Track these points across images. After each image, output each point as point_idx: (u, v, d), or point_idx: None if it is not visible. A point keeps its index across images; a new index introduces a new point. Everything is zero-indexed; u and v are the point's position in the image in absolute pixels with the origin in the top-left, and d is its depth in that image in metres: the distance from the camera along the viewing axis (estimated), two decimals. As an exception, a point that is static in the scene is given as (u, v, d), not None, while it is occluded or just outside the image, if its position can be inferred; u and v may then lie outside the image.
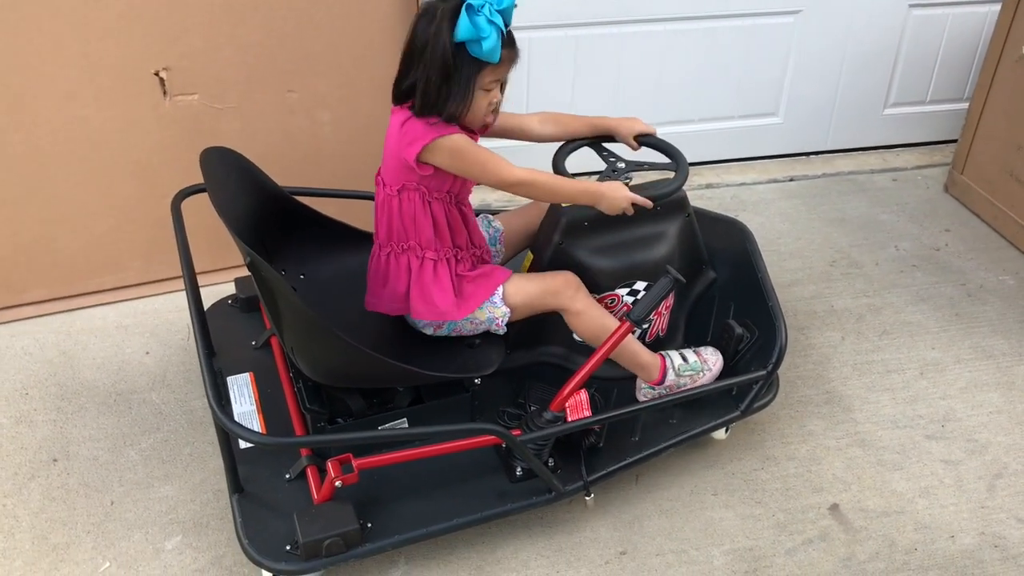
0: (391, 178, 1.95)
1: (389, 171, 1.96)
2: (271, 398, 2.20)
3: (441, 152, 1.87)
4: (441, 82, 1.82)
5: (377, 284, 2.07)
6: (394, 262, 2.00)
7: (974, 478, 2.25)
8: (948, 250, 3.10)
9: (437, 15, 1.79)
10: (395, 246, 1.99)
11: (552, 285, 2.05)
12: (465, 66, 1.81)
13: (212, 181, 1.93)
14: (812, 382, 2.53)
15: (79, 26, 2.34)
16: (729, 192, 3.38)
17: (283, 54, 2.57)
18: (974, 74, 3.50)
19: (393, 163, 1.94)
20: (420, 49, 1.82)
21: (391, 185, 1.95)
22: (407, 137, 1.88)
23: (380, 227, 2.02)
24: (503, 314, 2.04)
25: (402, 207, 1.95)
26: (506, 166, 1.92)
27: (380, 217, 2.01)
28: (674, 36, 3.18)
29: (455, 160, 1.89)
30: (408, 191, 1.94)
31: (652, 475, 2.21)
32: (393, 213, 1.97)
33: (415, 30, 1.84)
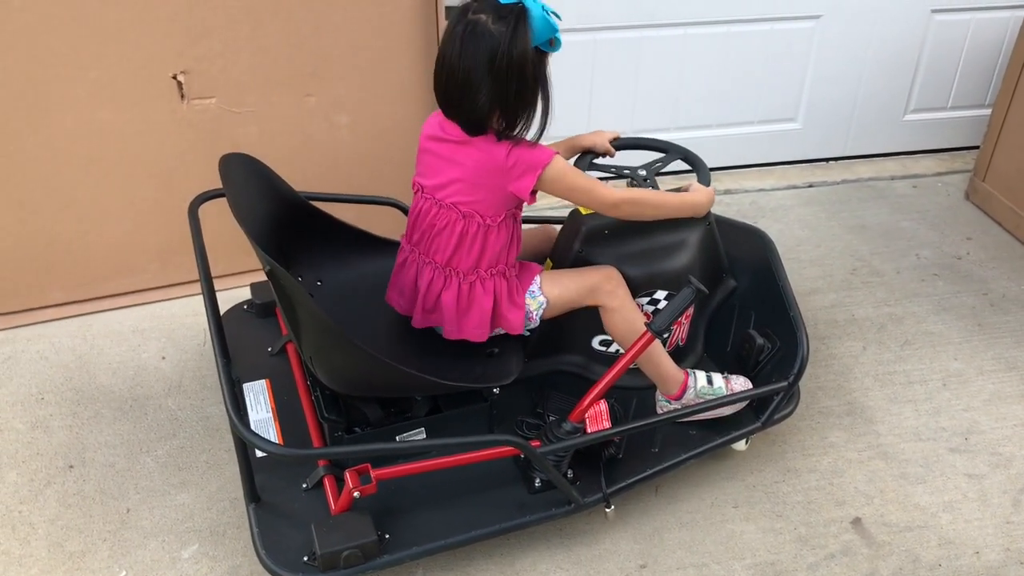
0: (491, 210, 1.89)
1: (487, 203, 1.88)
2: (288, 405, 2.18)
3: (551, 182, 1.86)
4: (532, 93, 1.80)
5: (458, 313, 1.98)
6: (480, 288, 1.96)
7: (999, 492, 2.22)
8: (970, 259, 3.06)
9: (492, 27, 1.72)
10: (483, 272, 1.95)
11: (592, 279, 2.03)
12: (538, 65, 1.80)
13: (231, 187, 1.91)
14: (833, 393, 2.50)
15: (96, 28, 2.33)
16: (748, 198, 3.35)
17: (301, 58, 2.56)
18: (996, 80, 3.47)
19: (493, 196, 1.87)
20: (490, 67, 1.74)
21: (492, 216, 1.89)
22: (517, 171, 1.83)
23: (462, 256, 1.93)
24: (539, 305, 2.02)
25: (499, 235, 1.92)
26: (606, 188, 1.93)
27: (462, 246, 1.92)
28: (693, 40, 3.15)
29: (561, 187, 1.88)
30: (506, 220, 1.92)
31: (672, 486, 2.19)
32: (491, 242, 1.92)
33: (466, 52, 1.74)
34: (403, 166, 2.82)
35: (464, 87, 1.78)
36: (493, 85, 1.76)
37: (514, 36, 1.73)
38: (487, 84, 1.75)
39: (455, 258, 1.95)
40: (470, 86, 1.77)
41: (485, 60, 1.74)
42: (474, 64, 1.75)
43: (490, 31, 1.74)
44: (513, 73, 1.75)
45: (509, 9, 1.74)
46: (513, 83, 1.76)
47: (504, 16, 1.74)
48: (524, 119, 1.83)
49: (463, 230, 1.91)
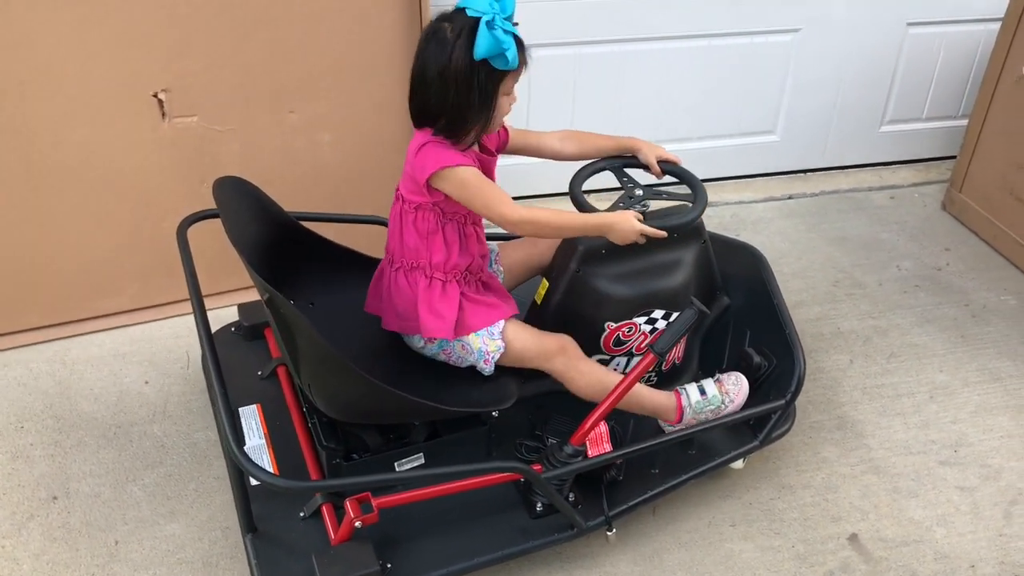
0: (409, 195, 1.93)
1: (407, 189, 1.94)
2: (280, 430, 2.14)
3: (449, 182, 1.86)
4: (465, 100, 1.81)
5: (381, 296, 2.05)
6: (404, 278, 1.98)
7: (990, 505, 2.25)
8: (949, 270, 3.10)
9: (448, 36, 1.77)
10: (405, 263, 1.97)
11: (548, 347, 2.02)
12: (488, 79, 1.80)
13: (225, 211, 1.87)
14: (823, 407, 2.51)
15: (75, 46, 2.27)
16: (729, 211, 3.37)
17: (284, 75, 2.51)
18: (969, 92, 3.52)
19: (410, 182, 1.92)
20: (437, 73, 1.80)
21: (408, 201, 1.93)
22: (420, 161, 1.87)
23: (393, 240, 1.99)
24: (496, 348, 1.99)
25: (417, 223, 1.93)
26: (509, 204, 1.89)
27: (394, 230, 1.99)
28: (673, 54, 3.15)
29: (461, 191, 1.87)
30: (424, 209, 1.92)
31: (669, 507, 2.18)
32: (407, 228, 1.95)
33: (425, 54, 1.82)
34: (385, 182, 2.75)
35: (418, 85, 1.85)
36: (439, 91, 1.80)
37: (456, 48, 1.77)
38: (435, 88, 1.81)
39: (393, 244, 2.00)
40: (423, 85, 1.83)
41: (435, 66, 1.79)
42: (426, 67, 1.81)
43: (446, 39, 1.78)
44: (457, 83, 1.79)
45: (464, 22, 1.77)
46: (454, 93, 1.79)
47: (457, 29, 1.78)
48: (463, 129, 1.85)
49: (395, 211, 1.98)
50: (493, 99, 1.83)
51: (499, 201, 1.88)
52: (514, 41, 1.78)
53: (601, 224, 1.96)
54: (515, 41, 1.79)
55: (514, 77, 1.86)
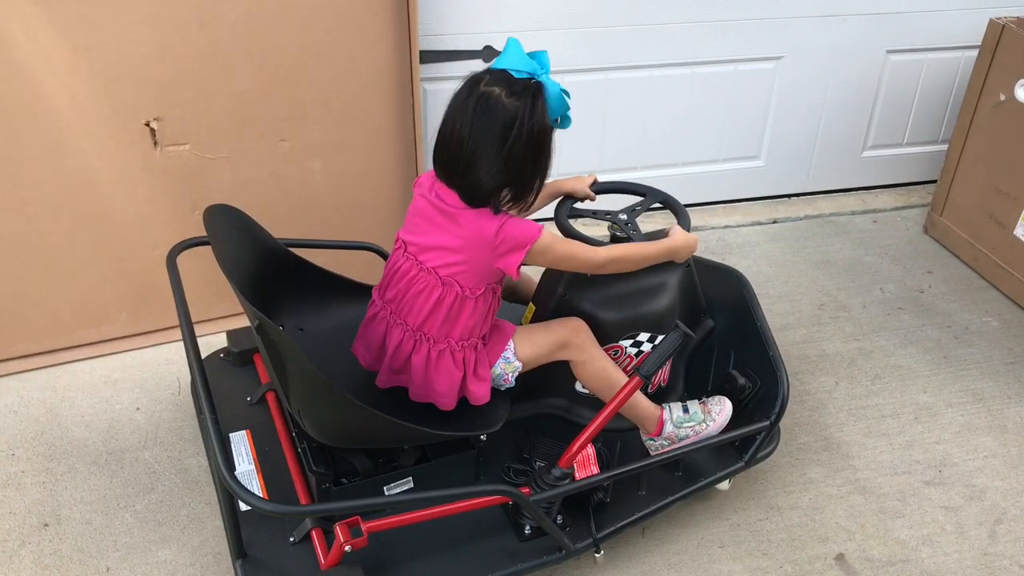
0: (473, 282, 1.87)
1: (470, 275, 1.86)
2: (269, 456, 2.15)
3: (538, 256, 1.86)
4: (541, 166, 1.81)
5: (426, 379, 1.95)
6: (449, 359, 1.92)
7: (975, 524, 2.27)
8: (932, 292, 3.14)
9: (504, 102, 1.71)
10: (454, 343, 1.92)
11: (561, 336, 2.04)
12: (551, 140, 1.82)
13: (215, 238, 1.89)
14: (809, 428, 2.54)
15: (67, 74, 2.30)
16: (715, 235, 3.41)
17: (275, 104, 2.55)
18: (949, 117, 3.58)
19: (477, 268, 1.85)
20: (499, 142, 1.73)
21: (471, 288, 1.87)
22: (504, 247, 1.81)
23: (434, 323, 1.90)
24: (514, 369, 2.02)
25: (476, 307, 1.90)
26: (590, 250, 1.95)
27: (437, 314, 1.89)
28: (658, 82, 3.21)
29: (547, 257, 1.89)
30: (487, 292, 1.90)
31: (658, 528, 2.20)
32: (467, 313, 1.89)
33: (476, 123, 1.73)
34: (375, 210, 2.82)
35: (472, 159, 1.75)
36: (506, 160, 1.74)
37: (532, 112, 1.73)
38: (498, 159, 1.74)
39: (428, 323, 1.91)
40: (479, 159, 1.74)
41: (498, 134, 1.73)
42: (486, 138, 1.73)
43: (504, 105, 1.72)
44: (530, 149, 1.75)
45: (524, 85, 1.74)
46: (528, 159, 1.76)
47: (518, 92, 1.73)
48: (533, 194, 1.85)
49: (440, 297, 1.88)
50: (551, 159, 1.84)
51: (582, 250, 1.94)
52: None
53: (671, 248, 2.07)
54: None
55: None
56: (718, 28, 3.15)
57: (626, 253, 2.02)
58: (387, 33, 2.59)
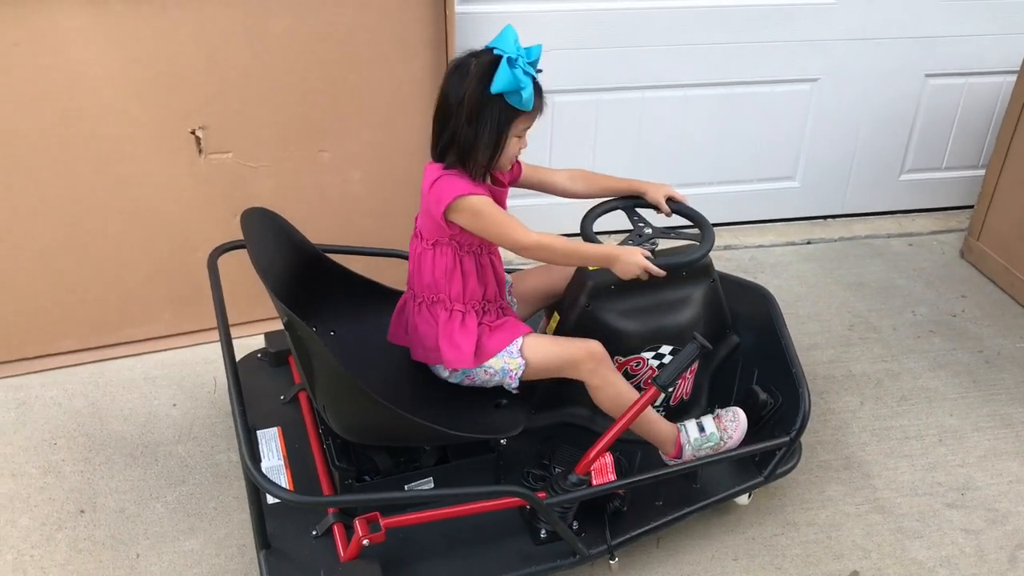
0: (427, 232, 2.02)
1: (424, 226, 2.03)
2: (299, 453, 2.22)
3: (463, 212, 1.93)
4: (476, 132, 1.89)
5: (406, 329, 2.14)
6: (425, 312, 2.06)
7: (995, 548, 2.26)
8: (965, 316, 3.13)
9: (471, 70, 1.87)
10: (426, 297, 2.06)
11: (575, 354, 2.06)
12: (500, 115, 1.89)
13: (252, 240, 1.98)
14: (831, 447, 2.54)
15: (119, 84, 2.42)
16: (747, 254, 3.43)
17: (316, 115, 2.64)
18: (989, 142, 3.56)
19: (426, 218, 2.01)
20: (455, 103, 1.89)
21: (426, 239, 2.02)
22: (434, 195, 1.95)
23: (413, 276, 2.09)
24: (518, 366, 2.05)
25: (435, 260, 2.01)
26: (522, 230, 1.97)
27: (413, 268, 2.08)
28: (694, 102, 3.25)
29: (475, 220, 1.94)
30: (441, 245, 2.00)
31: (673, 539, 2.22)
32: (426, 265, 2.03)
33: (447, 86, 1.92)
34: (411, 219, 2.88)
35: (440, 114, 1.94)
36: (454, 120, 1.90)
37: (474, 79, 1.86)
38: (452, 117, 1.90)
39: (414, 279, 2.08)
40: (443, 115, 1.93)
41: (454, 95, 1.89)
42: (446, 96, 1.91)
43: (468, 71, 1.88)
44: (470, 114, 1.87)
45: (488, 57, 1.87)
46: (466, 123, 1.88)
47: (482, 62, 1.87)
48: (473, 160, 1.92)
49: (414, 249, 2.06)
50: (503, 136, 1.90)
51: (512, 228, 1.96)
52: (532, 83, 1.87)
53: (609, 255, 2.04)
54: (533, 84, 1.88)
55: (527, 120, 1.94)
56: (755, 49, 3.18)
57: (558, 245, 2.00)
58: (424, 48, 2.67)
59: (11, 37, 2.27)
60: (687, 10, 3.07)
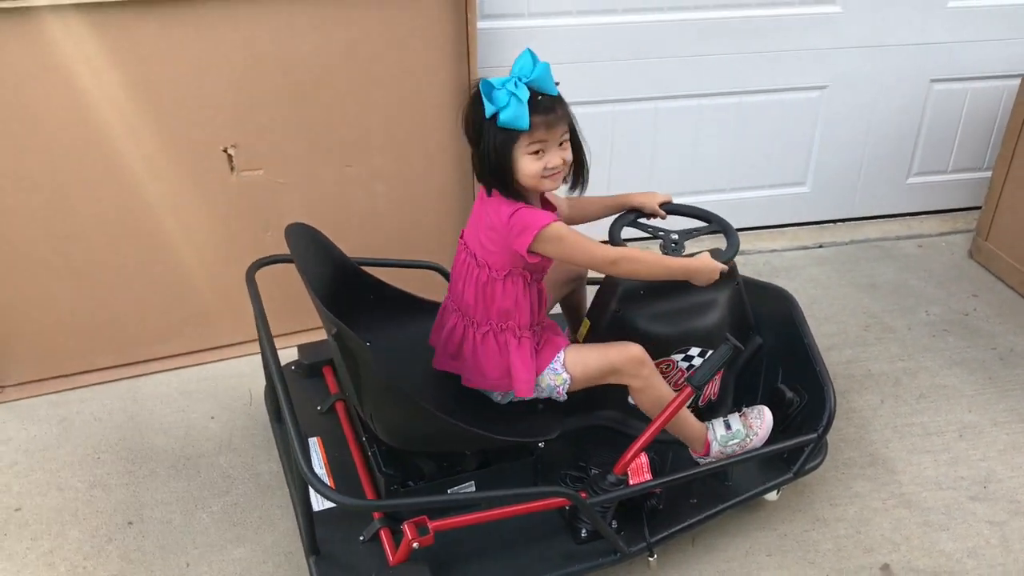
0: (499, 263, 2.01)
1: (494, 256, 2.01)
2: (338, 461, 2.28)
3: (549, 241, 1.95)
4: (484, 157, 1.94)
5: (460, 356, 2.12)
6: (492, 341, 2.06)
7: (1019, 539, 2.32)
8: (977, 315, 3.20)
9: (472, 98, 1.95)
10: (495, 326, 2.05)
11: (616, 361, 2.10)
12: (497, 137, 1.91)
13: (296, 253, 2.04)
14: (855, 445, 2.60)
15: (153, 105, 2.48)
16: (762, 259, 3.50)
17: (343, 131, 2.71)
18: (993, 144, 3.64)
19: (500, 251, 2.00)
20: (466, 132, 1.98)
21: (498, 269, 2.01)
22: (516, 229, 1.94)
23: (478, 306, 2.06)
24: (563, 381, 2.11)
25: (506, 289, 2.02)
26: (604, 247, 2.03)
27: (479, 296, 2.05)
28: (707, 111, 3.32)
29: (560, 247, 1.97)
30: (514, 275, 2.02)
31: (707, 537, 2.28)
32: (498, 296, 2.02)
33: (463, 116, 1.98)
34: (435, 232, 2.96)
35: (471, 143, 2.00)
36: (473, 147, 1.98)
37: (472, 106, 1.94)
38: (472, 145, 1.98)
39: (473, 307, 2.07)
40: (469, 143, 2.00)
41: (464, 125, 1.98)
42: (464, 127, 1.98)
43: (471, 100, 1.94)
44: (475, 141, 1.95)
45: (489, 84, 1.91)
46: (476, 149, 1.96)
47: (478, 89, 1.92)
48: (499, 183, 1.96)
49: (477, 277, 2.04)
50: (507, 157, 1.92)
51: (595, 246, 2.01)
52: (519, 103, 1.86)
53: (688, 268, 2.11)
54: (523, 104, 1.86)
55: (531, 138, 1.90)
56: (765, 59, 3.26)
57: (640, 256, 2.05)
58: (447, 65, 2.74)
59: (47, 62, 2.33)
60: (698, 22, 3.15)
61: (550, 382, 2.11)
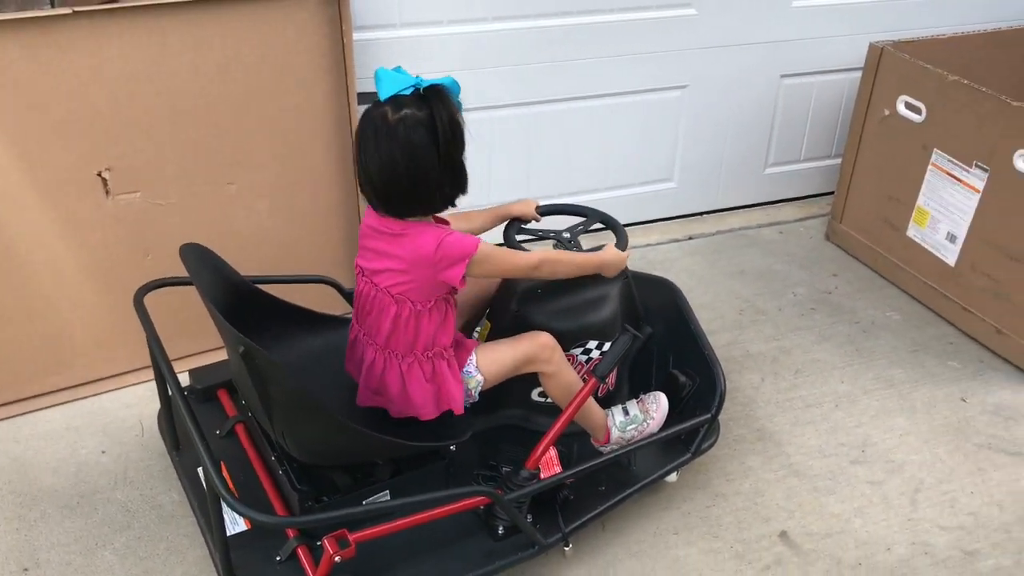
0: (422, 296, 1.98)
1: (418, 291, 1.97)
2: (245, 485, 2.23)
3: (479, 264, 1.95)
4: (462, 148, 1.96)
5: (392, 390, 2.07)
6: (419, 369, 2.04)
7: (897, 495, 2.51)
8: (838, 292, 3.42)
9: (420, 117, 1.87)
10: (421, 354, 2.03)
11: (528, 350, 2.15)
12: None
13: (193, 274, 1.99)
14: (743, 422, 2.75)
15: (19, 131, 2.37)
16: (637, 253, 3.63)
17: (222, 149, 2.66)
18: (839, 133, 3.91)
19: (423, 284, 1.97)
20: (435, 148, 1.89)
21: (422, 303, 1.98)
22: (446, 260, 1.92)
23: (399, 338, 2.02)
24: (476, 384, 2.13)
25: (432, 319, 2.01)
26: (522, 255, 2.08)
27: (399, 330, 2.01)
28: (577, 113, 3.43)
29: (488, 266, 1.99)
30: (438, 303, 2.01)
31: (616, 521, 2.36)
32: (423, 326, 2.00)
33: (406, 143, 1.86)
34: (321, 246, 2.94)
35: (415, 179, 1.88)
36: (444, 161, 1.88)
37: (444, 108, 1.86)
38: (439, 164, 1.88)
39: (392, 340, 2.03)
40: (422, 174, 1.88)
41: (430, 143, 1.86)
42: (422, 154, 1.86)
43: (421, 120, 1.85)
44: (457, 139, 1.90)
45: (420, 94, 1.87)
46: (458, 149, 1.92)
47: (421, 102, 1.86)
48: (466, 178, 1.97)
49: (396, 313, 2.00)
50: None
51: (515, 255, 2.06)
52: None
53: (602, 261, 2.21)
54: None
55: None
56: (629, 61, 3.39)
57: (558, 257, 2.16)
58: (325, 78, 2.74)
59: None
60: (565, 28, 3.24)
61: (466, 385, 2.14)
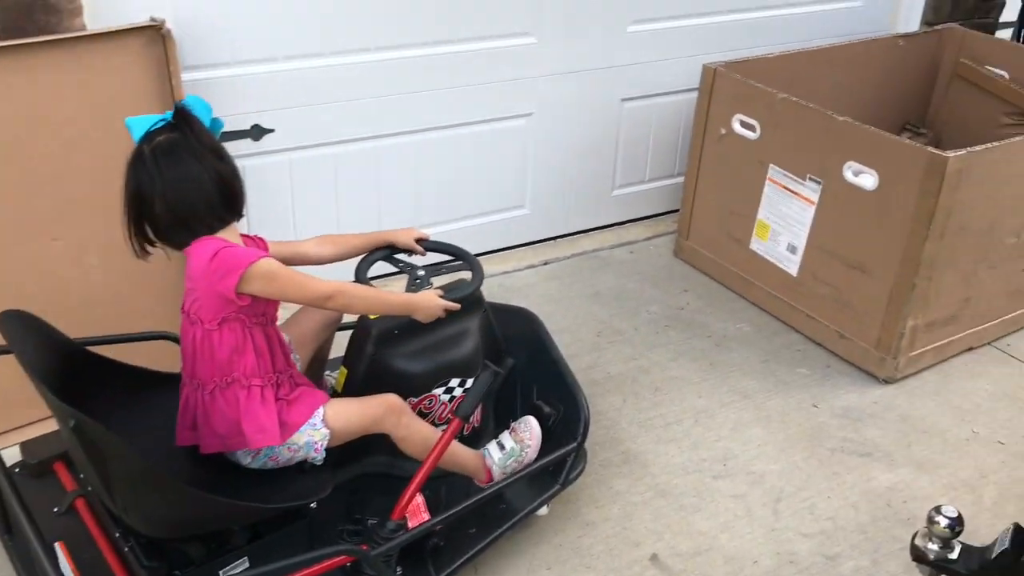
0: (209, 313, 1.92)
1: (204, 308, 1.93)
2: (90, 564, 2.06)
3: (257, 280, 1.88)
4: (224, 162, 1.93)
5: (195, 424, 2.02)
6: (220, 397, 1.97)
7: (760, 506, 2.57)
8: (690, 308, 3.50)
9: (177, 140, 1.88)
10: (220, 381, 1.96)
11: (375, 413, 2.09)
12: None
13: (15, 343, 1.83)
14: (608, 445, 2.76)
15: None
16: (495, 281, 3.61)
17: (44, 203, 2.48)
18: (681, 152, 4.02)
19: (208, 299, 1.92)
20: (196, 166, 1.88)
21: (209, 321, 1.93)
22: (220, 270, 1.87)
23: (199, 366, 1.97)
24: (323, 436, 2.05)
25: (223, 340, 1.93)
26: (319, 281, 1.98)
27: (197, 355, 1.96)
28: (426, 145, 3.39)
29: (271, 284, 1.91)
30: (229, 322, 1.93)
31: (489, 561, 2.32)
32: (215, 348, 1.94)
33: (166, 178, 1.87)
34: (160, 299, 2.77)
35: (183, 205, 1.87)
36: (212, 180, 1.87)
37: (194, 129, 1.87)
38: (208, 181, 1.87)
39: (196, 368, 1.98)
40: (190, 197, 1.87)
41: (190, 162, 1.86)
42: (182, 177, 1.85)
43: (175, 142, 1.85)
44: (215, 155, 1.89)
45: (171, 123, 1.87)
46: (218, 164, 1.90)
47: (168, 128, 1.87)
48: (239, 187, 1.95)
49: (195, 337, 1.96)
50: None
51: (308, 281, 1.95)
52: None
53: (408, 304, 2.12)
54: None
55: None
56: (473, 91, 3.39)
57: (355, 292, 2.07)
58: (154, 121, 2.59)
59: None
60: (405, 60, 3.20)
61: (308, 439, 2.04)
